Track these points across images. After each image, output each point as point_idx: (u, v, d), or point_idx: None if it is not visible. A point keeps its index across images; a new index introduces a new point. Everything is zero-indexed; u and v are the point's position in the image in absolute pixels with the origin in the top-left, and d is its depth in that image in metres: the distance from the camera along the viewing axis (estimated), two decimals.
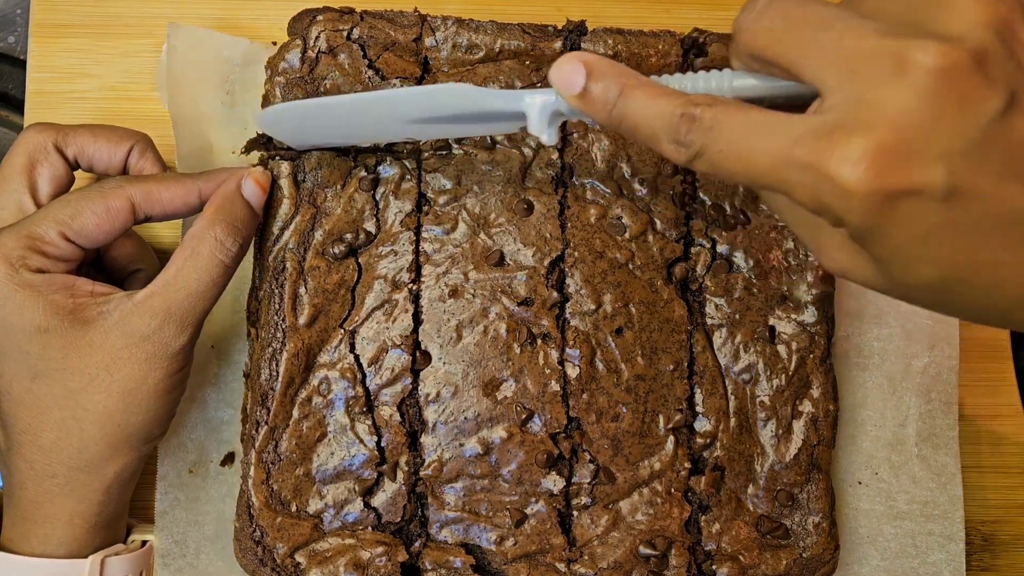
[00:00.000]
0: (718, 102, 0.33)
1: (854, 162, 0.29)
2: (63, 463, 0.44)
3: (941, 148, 0.29)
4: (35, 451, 0.44)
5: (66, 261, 0.45)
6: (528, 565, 0.48)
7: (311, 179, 0.50)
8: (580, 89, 0.36)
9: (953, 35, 0.29)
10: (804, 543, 0.50)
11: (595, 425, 0.49)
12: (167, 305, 0.44)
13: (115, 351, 0.43)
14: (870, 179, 0.29)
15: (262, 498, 0.48)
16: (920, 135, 0.29)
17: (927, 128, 0.29)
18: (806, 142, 0.30)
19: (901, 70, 0.29)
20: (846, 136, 0.29)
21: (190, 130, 0.53)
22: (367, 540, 0.47)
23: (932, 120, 0.29)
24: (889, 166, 0.29)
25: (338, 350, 0.49)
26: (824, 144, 0.30)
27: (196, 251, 0.44)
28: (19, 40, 0.61)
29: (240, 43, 0.55)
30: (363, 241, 0.49)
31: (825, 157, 0.30)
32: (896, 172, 0.29)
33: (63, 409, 0.44)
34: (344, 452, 0.48)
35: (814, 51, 0.31)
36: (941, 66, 0.29)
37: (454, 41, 0.51)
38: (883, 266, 0.32)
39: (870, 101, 0.29)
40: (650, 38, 0.52)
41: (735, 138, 0.32)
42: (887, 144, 0.29)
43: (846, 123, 0.30)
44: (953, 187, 0.29)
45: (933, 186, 0.29)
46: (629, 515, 0.49)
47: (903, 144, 0.29)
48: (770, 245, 0.51)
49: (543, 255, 0.50)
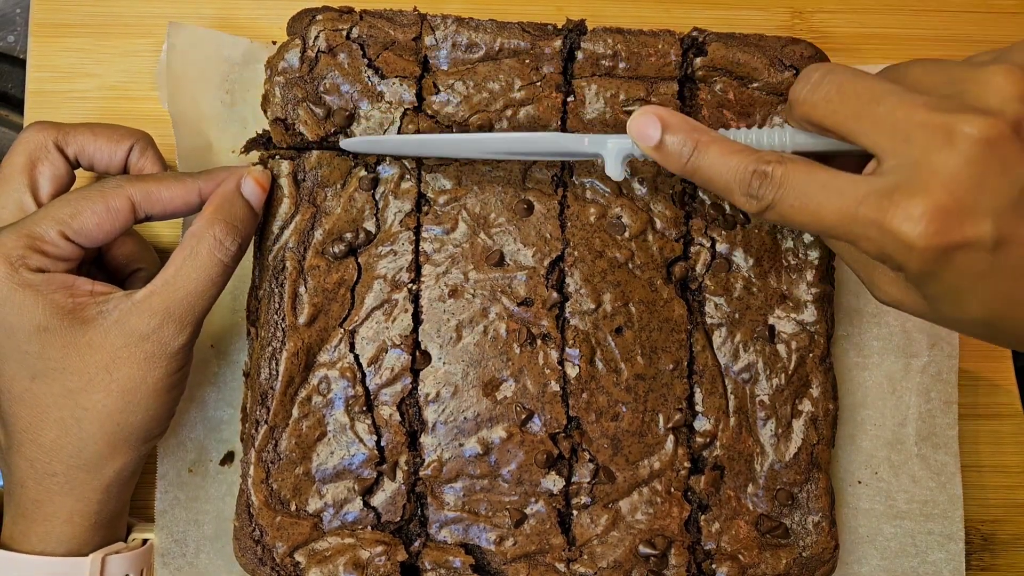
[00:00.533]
0: (787, 160, 0.38)
1: (915, 220, 0.34)
2: (63, 461, 0.44)
3: (989, 205, 0.34)
4: (35, 449, 0.44)
5: (66, 260, 0.45)
6: (528, 565, 0.48)
7: (311, 178, 0.50)
8: (656, 142, 0.42)
9: (992, 108, 0.34)
10: (804, 542, 0.50)
11: (595, 425, 0.49)
12: (166, 304, 0.44)
13: (114, 351, 0.43)
14: (930, 235, 0.34)
15: (262, 497, 0.48)
16: (970, 195, 0.34)
17: (976, 189, 0.34)
18: (871, 201, 0.35)
19: (951, 140, 0.34)
20: (907, 197, 0.34)
21: (190, 129, 0.53)
22: (366, 540, 0.47)
23: (980, 182, 0.34)
24: (946, 223, 0.34)
25: (338, 349, 0.49)
26: (887, 203, 0.35)
27: (195, 250, 0.44)
28: (19, 39, 0.61)
29: (240, 42, 0.55)
30: (363, 241, 0.49)
31: (889, 215, 0.35)
32: (952, 228, 0.34)
33: (62, 408, 0.44)
34: (344, 451, 0.48)
35: (869, 122, 0.36)
36: (986, 136, 0.34)
37: (454, 40, 0.51)
38: (934, 303, 0.37)
39: (925, 166, 0.34)
40: (649, 37, 0.52)
41: (805, 194, 0.37)
42: (943, 204, 0.34)
43: (905, 185, 0.35)
44: (1000, 238, 0.34)
45: (983, 238, 0.34)
46: (629, 514, 0.49)
47: (956, 203, 0.34)
48: (769, 245, 0.51)
49: (543, 255, 0.50)
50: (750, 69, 0.51)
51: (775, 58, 0.52)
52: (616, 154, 0.45)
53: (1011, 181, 0.34)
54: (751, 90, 0.52)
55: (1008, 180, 0.34)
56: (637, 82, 0.51)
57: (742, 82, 0.52)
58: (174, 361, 0.45)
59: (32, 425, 0.44)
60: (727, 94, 0.51)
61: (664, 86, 0.51)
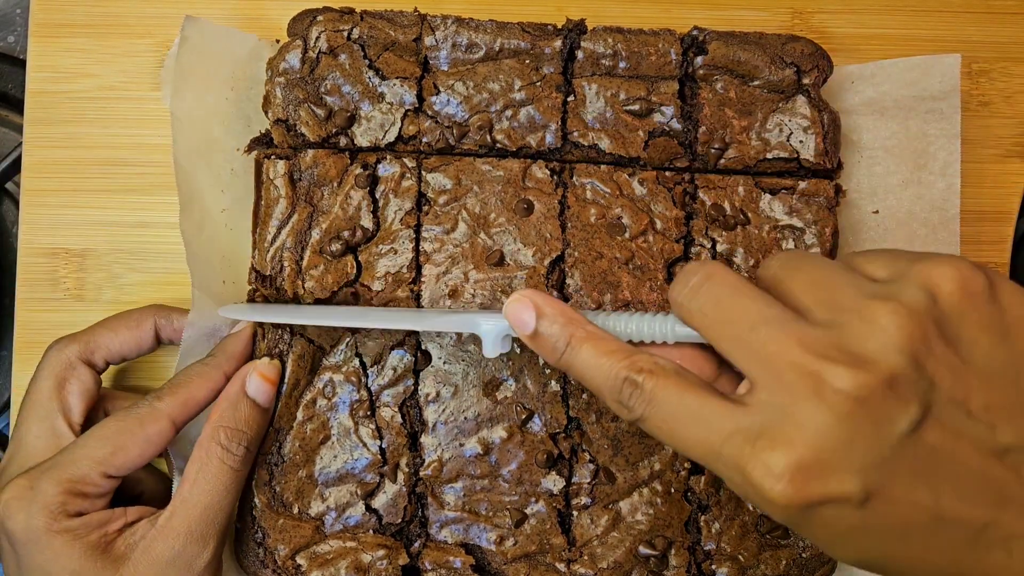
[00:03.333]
0: (659, 372, 0.35)
1: (775, 477, 0.32)
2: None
3: (856, 463, 0.32)
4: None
5: (106, 495, 0.45)
6: (528, 565, 0.48)
7: (307, 177, 0.50)
8: (531, 331, 0.39)
9: (868, 356, 0.32)
10: (804, 543, 0.50)
11: (595, 425, 0.49)
12: (187, 525, 0.44)
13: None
14: (790, 493, 0.32)
15: (264, 499, 0.48)
16: (836, 452, 0.32)
17: (843, 446, 0.32)
18: (735, 443, 0.33)
19: (819, 391, 0.32)
20: (769, 448, 0.32)
21: (192, 125, 0.53)
22: (368, 543, 0.48)
23: (848, 439, 0.32)
24: (806, 480, 0.32)
25: (344, 352, 0.49)
26: (749, 451, 0.33)
27: (205, 463, 0.45)
28: (19, 40, 0.61)
29: (249, 39, 0.54)
30: (360, 238, 0.49)
31: (750, 466, 0.32)
32: (813, 485, 0.32)
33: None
34: (347, 455, 0.48)
35: (743, 348, 0.34)
36: (854, 394, 0.31)
37: (454, 40, 0.51)
38: None
39: (791, 415, 0.32)
40: (650, 36, 0.52)
41: (671, 419, 0.35)
42: (805, 461, 0.32)
43: (769, 432, 0.33)
44: (868, 495, 0.32)
45: (848, 495, 0.32)
46: (629, 515, 0.49)
47: (820, 461, 0.32)
48: (770, 245, 0.51)
49: (543, 255, 0.50)
50: (751, 67, 0.51)
51: (776, 56, 0.52)
52: (493, 338, 0.42)
53: (883, 437, 0.32)
54: (752, 88, 0.52)
55: (879, 436, 0.32)
56: (638, 81, 0.51)
57: (743, 80, 0.52)
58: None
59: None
60: (728, 92, 0.51)
61: (664, 85, 0.51)
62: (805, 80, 0.52)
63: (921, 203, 0.54)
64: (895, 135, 0.55)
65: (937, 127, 0.54)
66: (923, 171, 0.55)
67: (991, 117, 0.58)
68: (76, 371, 0.48)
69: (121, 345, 0.49)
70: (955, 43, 0.58)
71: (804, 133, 0.51)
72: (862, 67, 0.55)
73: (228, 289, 0.52)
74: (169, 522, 0.44)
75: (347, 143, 0.51)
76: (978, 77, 0.58)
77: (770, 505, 0.33)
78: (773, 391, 0.33)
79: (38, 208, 0.55)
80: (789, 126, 0.51)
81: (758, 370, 0.34)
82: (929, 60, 0.54)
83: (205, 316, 0.50)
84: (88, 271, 0.55)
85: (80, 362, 0.48)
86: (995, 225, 0.58)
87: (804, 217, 0.51)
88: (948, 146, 0.54)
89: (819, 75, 0.52)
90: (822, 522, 0.33)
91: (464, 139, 0.51)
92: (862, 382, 0.32)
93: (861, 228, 0.55)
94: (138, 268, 0.55)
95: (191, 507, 0.44)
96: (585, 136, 0.51)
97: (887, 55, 0.56)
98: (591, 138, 0.51)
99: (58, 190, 0.55)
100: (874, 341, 0.32)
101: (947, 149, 0.54)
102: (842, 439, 0.32)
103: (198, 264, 0.50)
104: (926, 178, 0.55)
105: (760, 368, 0.34)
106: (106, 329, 0.49)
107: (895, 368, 0.32)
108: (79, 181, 0.55)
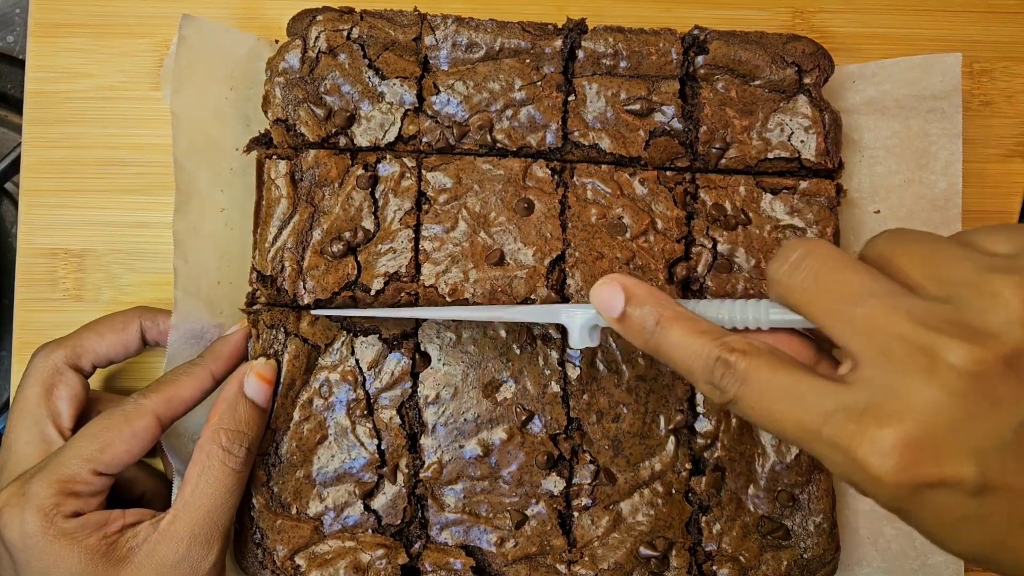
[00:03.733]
0: (752, 352, 0.34)
1: (884, 454, 0.30)
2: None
3: (972, 445, 0.30)
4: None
5: (100, 494, 0.44)
6: (528, 567, 0.48)
7: (308, 177, 0.50)
8: (619, 313, 0.38)
9: (990, 330, 0.30)
10: (805, 544, 0.49)
11: (595, 426, 0.49)
12: (190, 528, 0.44)
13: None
14: (899, 471, 0.30)
15: (263, 500, 0.48)
16: (950, 432, 0.30)
17: (958, 425, 0.30)
18: (838, 421, 0.31)
19: (932, 367, 0.30)
20: (876, 425, 0.30)
21: (191, 124, 0.52)
22: (367, 543, 0.47)
23: (963, 418, 0.30)
24: (917, 459, 0.30)
25: (339, 352, 0.49)
26: (854, 428, 0.31)
27: (206, 465, 0.45)
28: (18, 40, 0.61)
29: (247, 38, 0.54)
30: (361, 239, 0.49)
31: (855, 443, 0.30)
32: (925, 464, 0.30)
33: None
34: (345, 455, 0.48)
35: (847, 322, 0.32)
36: (971, 370, 0.29)
37: (454, 40, 0.51)
38: (919, 530, 0.33)
39: (901, 391, 0.30)
40: (650, 36, 0.51)
41: (766, 397, 0.33)
42: (916, 438, 0.30)
43: (877, 409, 0.31)
44: (985, 483, 0.30)
45: (963, 480, 0.30)
46: (630, 516, 0.49)
47: (933, 439, 0.30)
48: (771, 245, 0.51)
49: (543, 254, 0.50)
50: (752, 67, 0.51)
51: (777, 55, 0.51)
52: (580, 327, 0.41)
53: (1003, 420, 0.30)
54: (753, 88, 0.52)
55: (998, 419, 0.30)
56: (638, 81, 0.51)
57: (744, 80, 0.52)
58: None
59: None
60: (729, 92, 0.51)
61: (665, 84, 0.51)
62: (806, 80, 0.51)
63: (922, 203, 0.54)
64: (896, 135, 0.55)
65: (938, 127, 0.54)
66: (924, 171, 0.54)
67: (993, 117, 0.58)
68: (63, 376, 0.48)
69: (107, 348, 0.49)
70: (956, 42, 0.58)
71: (805, 133, 0.51)
72: (863, 66, 0.55)
73: (222, 290, 0.51)
74: (172, 525, 0.43)
75: (347, 143, 0.50)
76: (979, 76, 0.58)
77: (877, 485, 0.31)
78: (879, 367, 0.31)
79: (37, 208, 0.55)
80: (790, 126, 0.51)
81: (863, 345, 0.32)
82: (930, 59, 0.54)
83: (189, 319, 0.49)
84: (87, 271, 0.55)
85: (67, 367, 0.48)
86: None
87: (805, 217, 0.51)
88: (949, 146, 0.54)
89: (820, 74, 0.52)
90: (933, 508, 0.31)
91: (464, 139, 0.50)
92: (978, 357, 0.29)
93: (862, 228, 0.55)
94: (137, 268, 0.55)
95: (194, 510, 0.44)
96: (586, 136, 0.51)
97: (888, 54, 0.56)
98: (592, 138, 0.51)
99: (57, 190, 0.55)
100: (995, 315, 0.30)
101: (948, 149, 0.54)
102: (956, 418, 0.30)
103: (189, 265, 0.50)
104: (927, 178, 0.54)
105: (865, 343, 0.32)
106: (92, 333, 0.49)
107: (1018, 344, 0.29)
108: (78, 181, 0.55)
